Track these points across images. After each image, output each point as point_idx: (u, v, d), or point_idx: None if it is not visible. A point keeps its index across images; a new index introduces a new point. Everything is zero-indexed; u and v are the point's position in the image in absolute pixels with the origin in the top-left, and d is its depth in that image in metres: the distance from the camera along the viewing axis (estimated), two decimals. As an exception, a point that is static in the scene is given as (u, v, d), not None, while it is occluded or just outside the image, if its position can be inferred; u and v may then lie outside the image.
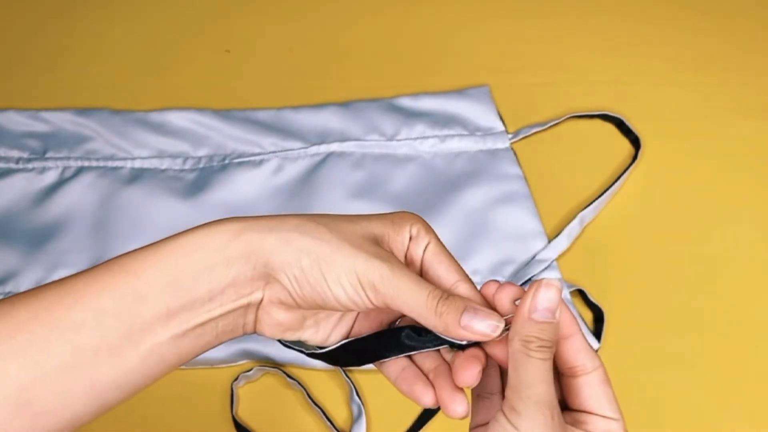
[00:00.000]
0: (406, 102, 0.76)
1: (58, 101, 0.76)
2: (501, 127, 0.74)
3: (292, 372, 0.60)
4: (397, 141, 0.73)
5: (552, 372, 0.33)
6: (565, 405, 0.36)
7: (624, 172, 0.71)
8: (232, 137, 0.73)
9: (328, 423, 0.57)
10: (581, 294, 0.64)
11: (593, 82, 0.78)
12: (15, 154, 0.72)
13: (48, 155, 0.72)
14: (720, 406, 0.59)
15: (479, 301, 0.36)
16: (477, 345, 0.35)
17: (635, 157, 0.72)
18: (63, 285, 0.35)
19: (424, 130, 0.74)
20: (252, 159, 0.72)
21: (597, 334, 0.62)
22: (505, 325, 0.34)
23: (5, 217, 0.68)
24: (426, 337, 0.36)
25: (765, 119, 0.76)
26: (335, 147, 0.72)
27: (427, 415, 0.57)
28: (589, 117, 0.76)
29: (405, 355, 0.37)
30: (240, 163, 0.72)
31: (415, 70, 0.80)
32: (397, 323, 0.39)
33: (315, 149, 0.72)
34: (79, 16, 0.86)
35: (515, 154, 0.72)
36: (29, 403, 0.32)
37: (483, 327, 0.34)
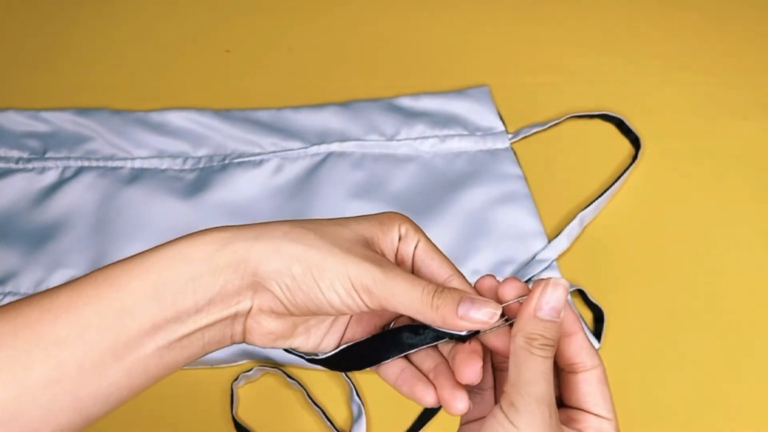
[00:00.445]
0: (406, 102, 0.76)
1: (58, 101, 0.77)
2: (501, 127, 0.74)
3: (292, 372, 0.60)
4: (397, 141, 0.73)
5: (552, 371, 0.33)
6: (561, 402, 0.36)
7: (624, 171, 0.71)
8: (232, 137, 0.73)
9: (328, 423, 0.57)
10: (581, 294, 0.64)
11: (593, 82, 0.78)
12: (15, 154, 0.72)
13: (48, 155, 0.72)
14: (720, 405, 0.59)
15: (473, 292, 0.36)
16: (476, 334, 0.35)
17: (635, 157, 0.72)
18: (46, 298, 0.34)
19: (424, 130, 0.74)
20: (252, 159, 0.72)
21: (597, 334, 0.62)
22: (504, 316, 0.35)
23: (5, 217, 0.68)
24: (425, 334, 0.36)
25: (765, 119, 0.76)
26: (335, 147, 0.72)
27: (428, 415, 0.57)
28: (589, 117, 0.76)
29: (405, 355, 0.37)
30: (240, 163, 0.72)
31: (415, 70, 0.80)
32: (392, 325, 0.39)
33: (315, 149, 0.72)
34: (79, 16, 0.86)
35: (515, 154, 0.72)
36: (13, 419, 0.32)
37: (480, 315, 0.34)
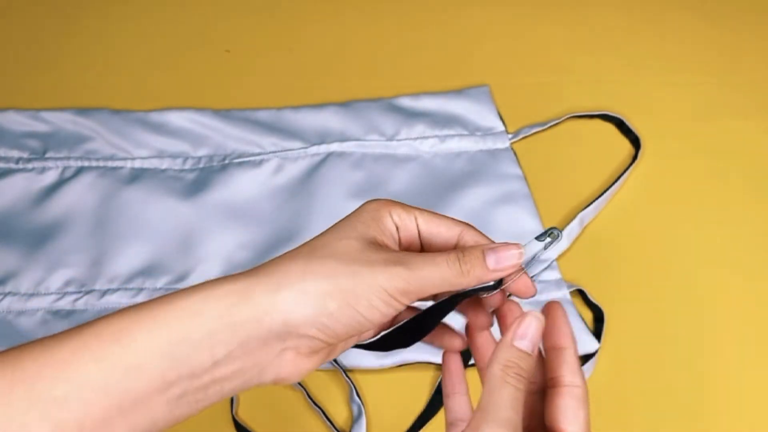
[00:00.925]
0: (406, 102, 0.76)
1: (58, 101, 0.77)
2: (501, 127, 0.74)
3: (292, 372, 0.60)
4: (397, 141, 0.73)
5: (522, 402, 0.34)
6: (543, 427, 0.36)
7: (624, 171, 0.71)
8: (232, 137, 0.73)
9: (328, 423, 0.57)
10: (581, 294, 0.64)
11: (593, 82, 0.79)
12: (15, 154, 0.72)
13: (48, 155, 0.72)
14: (720, 406, 0.59)
15: (487, 239, 0.38)
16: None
17: (635, 157, 0.72)
18: (46, 350, 0.32)
19: (424, 130, 0.74)
20: (252, 159, 0.72)
21: (597, 334, 0.62)
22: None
23: (5, 217, 0.68)
24: (458, 298, 0.36)
25: (764, 119, 0.76)
26: (335, 147, 0.72)
27: (427, 415, 0.57)
28: (589, 117, 0.76)
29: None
30: (240, 163, 0.72)
31: (415, 70, 0.80)
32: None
33: (315, 149, 0.72)
34: (79, 16, 0.86)
35: (515, 154, 0.72)
36: None
37: (509, 260, 0.36)
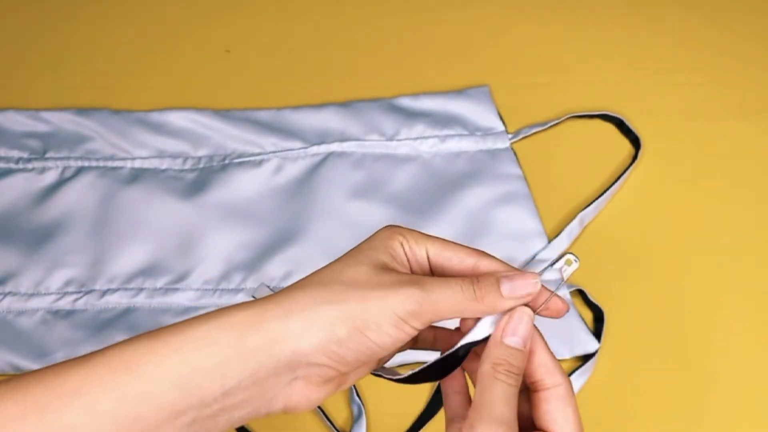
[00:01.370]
0: (406, 102, 0.76)
1: (58, 101, 0.77)
2: (501, 127, 0.74)
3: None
4: (397, 141, 0.73)
5: (516, 397, 0.34)
6: (533, 426, 0.36)
7: (624, 171, 0.71)
8: (232, 137, 0.73)
9: (327, 423, 0.57)
10: (581, 294, 0.64)
11: (593, 82, 0.78)
12: (15, 154, 0.72)
13: (48, 155, 0.72)
14: (720, 406, 0.59)
15: (505, 266, 0.37)
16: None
17: (635, 157, 0.72)
18: (58, 377, 0.32)
19: (424, 130, 0.74)
20: (252, 159, 0.72)
21: (597, 334, 0.62)
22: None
23: (5, 217, 0.68)
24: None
25: (764, 119, 0.76)
26: (335, 147, 0.72)
27: (427, 415, 0.58)
28: (589, 117, 0.76)
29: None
30: (240, 163, 0.72)
31: (415, 70, 0.80)
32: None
33: (315, 149, 0.72)
34: (79, 16, 0.86)
35: (515, 154, 0.73)
36: None
37: (524, 289, 0.35)
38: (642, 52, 0.82)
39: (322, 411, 0.58)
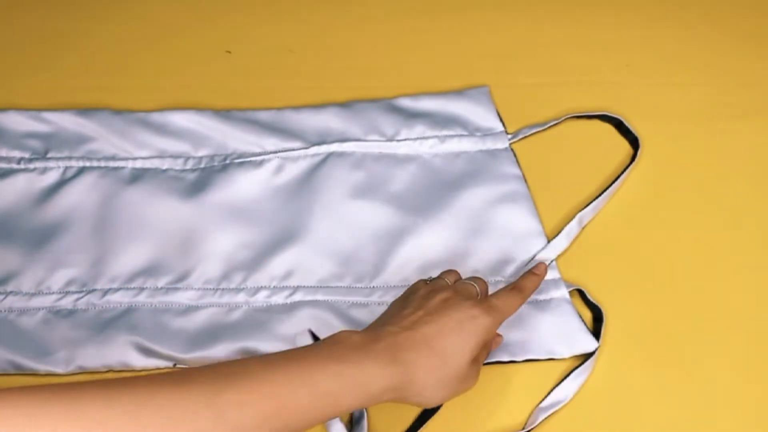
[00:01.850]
0: (406, 102, 0.76)
1: (59, 101, 0.77)
2: (500, 128, 0.74)
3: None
4: (397, 141, 0.73)
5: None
6: None
7: (622, 172, 0.71)
8: (232, 137, 0.73)
9: (327, 423, 0.57)
10: (580, 294, 0.64)
11: (593, 82, 0.79)
12: (16, 154, 0.72)
13: (49, 155, 0.72)
14: (720, 406, 0.59)
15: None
16: None
17: (634, 158, 0.72)
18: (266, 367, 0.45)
19: (424, 130, 0.74)
20: (253, 159, 0.72)
21: (596, 333, 0.62)
22: None
23: (7, 217, 0.68)
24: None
25: (764, 119, 0.76)
26: (335, 147, 0.73)
27: (427, 415, 0.58)
28: (588, 117, 0.76)
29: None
30: (241, 163, 0.72)
31: (415, 70, 0.81)
32: None
33: (315, 149, 0.73)
34: (80, 16, 0.86)
35: (515, 154, 0.73)
36: None
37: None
38: (642, 52, 0.82)
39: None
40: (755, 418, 0.59)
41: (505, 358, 0.61)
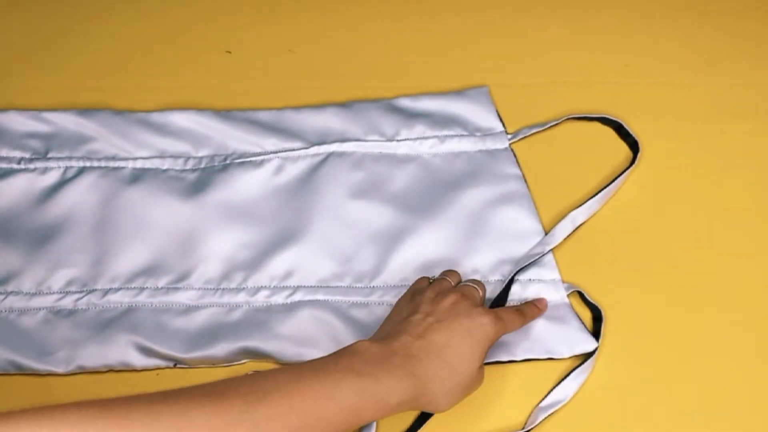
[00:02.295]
0: (405, 103, 0.76)
1: (59, 102, 0.77)
2: (500, 128, 0.74)
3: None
4: (397, 141, 0.73)
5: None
6: None
7: (620, 174, 0.71)
8: (233, 137, 0.73)
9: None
10: (580, 294, 0.64)
11: (592, 83, 0.79)
12: (17, 154, 0.72)
13: (50, 155, 0.72)
14: (720, 405, 0.59)
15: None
16: None
17: (633, 160, 0.72)
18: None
19: (423, 130, 0.74)
20: (253, 159, 0.72)
21: (596, 333, 0.62)
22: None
23: (7, 217, 0.69)
24: None
25: (764, 120, 0.76)
26: (335, 147, 0.73)
27: (428, 414, 0.58)
28: (588, 119, 0.76)
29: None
30: (241, 163, 0.72)
31: (415, 70, 0.81)
32: None
33: (315, 149, 0.73)
34: (80, 16, 0.86)
35: (515, 154, 0.73)
36: None
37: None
38: (642, 52, 0.82)
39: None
40: (755, 417, 0.59)
41: (505, 358, 0.61)
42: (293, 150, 0.72)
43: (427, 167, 0.72)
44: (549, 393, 0.59)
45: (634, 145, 0.73)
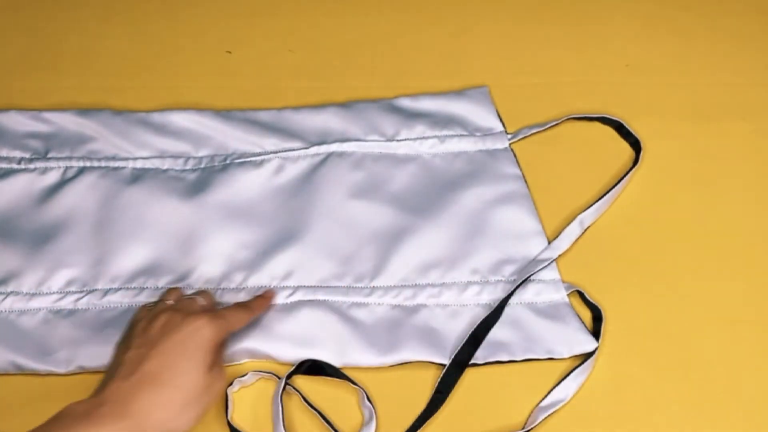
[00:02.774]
0: (405, 103, 0.76)
1: (60, 102, 0.77)
2: (500, 128, 0.74)
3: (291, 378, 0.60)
4: (397, 141, 0.73)
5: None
6: None
7: (625, 174, 0.71)
8: (233, 137, 0.74)
9: (326, 424, 0.57)
10: (580, 294, 0.64)
11: (593, 83, 0.79)
12: (17, 154, 0.72)
13: (50, 155, 0.72)
14: (719, 405, 0.59)
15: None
16: None
17: (636, 160, 0.72)
18: None
19: (423, 130, 0.74)
20: (253, 159, 0.72)
21: (596, 333, 0.62)
22: None
23: (7, 217, 0.69)
24: None
25: (765, 120, 0.76)
26: (335, 147, 0.73)
27: (427, 415, 0.58)
28: (589, 119, 0.76)
29: None
30: (241, 164, 0.72)
31: (415, 70, 0.81)
32: None
33: (315, 149, 0.73)
34: (80, 16, 0.86)
35: (515, 154, 0.73)
36: None
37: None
38: (642, 52, 0.82)
39: (320, 413, 0.58)
40: (755, 417, 0.59)
41: (505, 358, 0.61)
42: (293, 150, 0.72)
43: (427, 167, 0.72)
44: (549, 393, 0.59)
45: (635, 144, 0.73)
